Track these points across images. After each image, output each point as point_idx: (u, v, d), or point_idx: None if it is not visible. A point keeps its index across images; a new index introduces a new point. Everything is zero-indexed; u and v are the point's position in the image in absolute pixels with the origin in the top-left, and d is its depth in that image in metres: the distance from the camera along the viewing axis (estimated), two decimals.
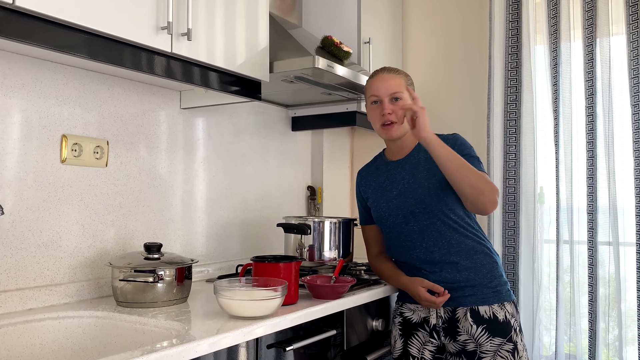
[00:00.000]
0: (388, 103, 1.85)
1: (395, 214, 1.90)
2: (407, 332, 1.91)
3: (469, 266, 1.83)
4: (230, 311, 1.50)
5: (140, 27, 1.52)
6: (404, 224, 1.89)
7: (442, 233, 1.84)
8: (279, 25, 2.28)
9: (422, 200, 1.83)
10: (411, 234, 1.87)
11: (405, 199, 1.87)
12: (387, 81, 1.85)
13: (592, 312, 2.41)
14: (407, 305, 1.94)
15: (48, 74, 1.69)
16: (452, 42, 2.95)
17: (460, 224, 1.84)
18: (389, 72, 1.88)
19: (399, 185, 1.90)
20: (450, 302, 1.84)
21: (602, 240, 2.43)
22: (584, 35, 2.48)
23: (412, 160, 1.91)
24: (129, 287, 1.64)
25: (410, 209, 1.86)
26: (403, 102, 1.84)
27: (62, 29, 1.37)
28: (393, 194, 1.91)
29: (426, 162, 1.87)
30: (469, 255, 1.84)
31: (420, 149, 1.91)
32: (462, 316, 1.82)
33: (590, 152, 2.45)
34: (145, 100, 2.00)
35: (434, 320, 1.86)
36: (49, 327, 1.53)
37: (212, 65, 1.78)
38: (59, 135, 1.72)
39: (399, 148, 1.94)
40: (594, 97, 2.45)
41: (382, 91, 1.86)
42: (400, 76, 1.88)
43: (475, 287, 1.82)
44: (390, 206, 1.91)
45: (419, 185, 1.85)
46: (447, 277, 1.84)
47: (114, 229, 1.89)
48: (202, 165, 2.25)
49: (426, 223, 1.85)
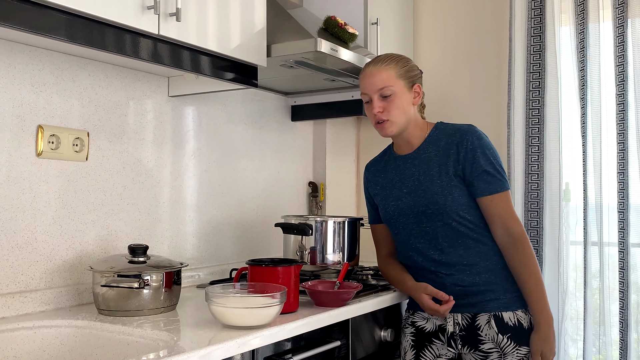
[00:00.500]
0: (377, 100, 1.84)
1: (405, 214, 1.89)
2: (419, 343, 1.91)
3: (489, 268, 1.83)
4: (224, 320, 1.50)
5: (124, 6, 1.51)
6: (415, 225, 1.88)
7: (458, 235, 1.84)
8: (278, 4, 2.27)
9: (435, 201, 1.83)
10: (424, 235, 1.87)
11: (416, 197, 1.87)
12: (373, 77, 1.84)
13: (623, 321, 2.40)
14: (420, 313, 1.93)
15: (22, 59, 1.68)
16: (468, 22, 2.93)
17: (477, 224, 1.84)
18: (375, 66, 1.85)
19: (409, 183, 1.90)
20: (470, 307, 1.83)
21: (634, 242, 2.43)
22: (614, 15, 2.46)
23: (421, 155, 1.90)
24: (111, 294, 1.63)
25: (422, 209, 1.85)
26: (395, 97, 1.83)
27: (38, 9, 1.36)
28: (403, 192, 1.90)
29: (438, 157, 1.86)
30: (488, 256, 1.83)
31: (430, 142, 1.90)
32: (484, 323, 1.81)
33: (621, 144, 2.44)
34: (129, 87, 1.99)
35: (451, 328, 1.85)
36: (24, 337, 1.53)
37: (204, 49, 1.77)
38: (35, 126, 1.71)
39: (405, 142, 1.94)
40: (625, 83, 2.43)
41: (369, 88, 1.85)
42: (388, 68, 1.84)
43: (497, 292, 1.82)
44: (400, 205, 1.90)
45: (431, 184, 1.85)
46: (465, 279, 1.83)
47: (95, 230, 1.88)
48: (192, 159, 2.25)
49: (440, 224, 1.84)
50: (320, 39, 2.00)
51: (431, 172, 1.86)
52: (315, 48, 1.98)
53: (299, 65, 2.17)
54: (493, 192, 1.80)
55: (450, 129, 1.88)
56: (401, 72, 1.85)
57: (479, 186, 1.80)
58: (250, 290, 1.63)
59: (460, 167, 1.81)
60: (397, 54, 1.91)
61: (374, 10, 2.66)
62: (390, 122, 1.85)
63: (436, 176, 1.84)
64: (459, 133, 1.85)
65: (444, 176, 1.83)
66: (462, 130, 1.86)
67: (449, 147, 1.84)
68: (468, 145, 1.81)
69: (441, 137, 1.88)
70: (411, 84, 1.87)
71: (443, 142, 1.86)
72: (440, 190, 1.82)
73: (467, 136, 1.83)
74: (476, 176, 1.80)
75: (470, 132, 1.84)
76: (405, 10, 2.97)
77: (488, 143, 1.85)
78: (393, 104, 1.83)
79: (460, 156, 1.81)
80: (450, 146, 1.84)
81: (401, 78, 1.84)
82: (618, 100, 2.45)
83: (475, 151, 1.81)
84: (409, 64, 1.88)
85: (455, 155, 1.82)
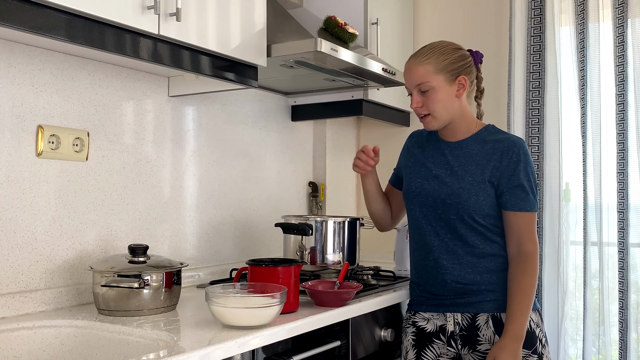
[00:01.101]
0: (416, 95, 1.84)
1: (426, 195, 1.89)
2: (421, 343, 1.90)
3: (491, 268, 1.83)
4: (224, 320, 1.50)
5: (124, 6, 1.51)
6: (431, 209, 1.88)
7: (468, 231, 1.84)
8: (278, 4, 2.27)
9: (459, 194, 1.82)
10: (437, 220, 1.87)
11: (441, 184, 1.87)
12: (411, 72, 1.84)
13: (622, 321, 2.41)
14: (421, 314, 1.92)
15: (22, 59, 1.68)
16: (468, 22, 2.93)
17: (490, 229, 1.84)
18: (415, 60, 1.84)
19: (440, 168, 1.90)
20: (469, 307, 1.83)
21: (634, 242, 2.43)
22: (614, 15, 2.46)
23: (463, 148, 1.89)
24: (111, 294, 1.63)
25: (443, 197, 1.85)
26: (434, 92, 1.81)
27: (38, 8, 1.36)
28: (432, 173, 1.90)
29: (478, 157, 1.85)
30: (493, 258, 1.84)
31: (476, 139, 1.88)
32: (483, 324, 1.81)
33: (621, 144, 2.44)
34: (129, 88, 1.99)
35: (452, 327, 1.85)
36: (24, 337, 1.53)
37: (204, 49, 1.77)
38: (35, 125, 1.71)
39: (450, 132, 1.92)
40: (625, 83, 2.43)
41: (408, 83, 1.86)
42: (426, 63, 1.81)
43: (497, 292, 1.82)
44: (424, 185, 1.90)
45: (461, 178, 1.84)
46: (467, 277, 1.83)
47: (96, 230, 1.88)
48: (192, 159, 2.24)
49: (453, 217, 1.84)
50: (320, 39, 2.00)
51: (466, 168, 1.85)
52: (315, 48, 1.98)
53: (299, 65, 2.17)
54: (521, 210, 1.79)
55: (500, 135, 1.88)
56: (441, 65, 1.81)
57: (510, 199, 1.80)
58: (250, 290, 1.63)
59: (497, 175, 1.80)
60: (444, 44, 1.86)
61: (374, 10, 2.66)
62: (431, 117, 1.85)
63: (470, 173, 1.84)
64: (507, 142, 1.84)
65: (477, 176, 1.82)
66: (511, 141, 1.84)
67: (492, 151, 1.83)
68: (513, 156, 1.81)
69: (488, 139, 1.87)
70: (455, 77, 1.83)
71: (489, 145, 1.85)
72: (469, 187, 1.82)
73: (514, 148, 1.82)
74: (510, 188, 1.80)
75: (519, 145, 1.83)
76: (405, 10, 2.97)
77: (531, 162, 1.84)
78: (431, 99, 1.82)
79: (502, 164, 1.80)
80: (494, 151, 1.83)
81: (441, 72, 1.81)
82: (618, 100, 2.45)
83: (518, 164, 1.80)
84: (453, 56, 1.84)
85: (497, 162, 1.81)
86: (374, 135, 3.15)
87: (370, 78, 2.42)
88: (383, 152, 3.09)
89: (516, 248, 1.81)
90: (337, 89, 2.63)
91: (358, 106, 2.64)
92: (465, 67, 1.86)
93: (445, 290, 1.85)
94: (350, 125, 3.14)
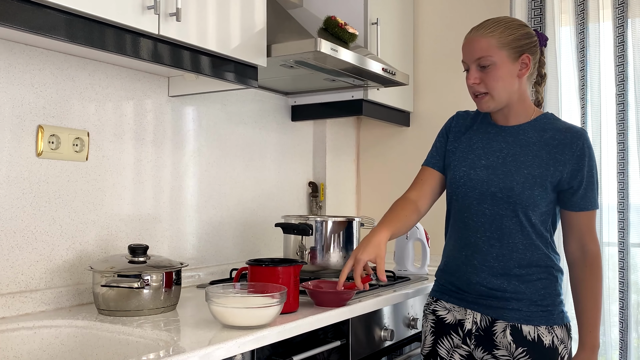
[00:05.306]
0: (474, 70, 1.70)
1: (472, 186, 1.75)
2: (439, 332, 1.83)
3: (522, 276, 1.71)
4: (224, 320, 1.50)
5: (124, 6, 1.51)
6: (476, 201, 1.75)
7: (514, 231, 1.71)
8: (278, 4, 2.27)
9: (512, 187, 1.68)
10: (479, 215, 1.74)
11: (492, 175, 1.72)
12: (472, 44, 1.70)
13: (622, 321, 2.41)
14: (442, 302, 1.83)
15: (22, 59, 1.68)
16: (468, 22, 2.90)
17: (537, 228, 1.71)
18: (477, 32, 1.70)
19: (491, 157, 1.75)
20: (490, 310, 1.73)
21: (634, 242, 2.43)
22: (614, 15, 2.46)
23: (519, 135, 1.74)
24: (111, 294, 1.63)
25: (493, 190, 1.71)
26: (495, 68, 1.67)
27: (38, 8, 1.36)
28: (481, 162, 1.76)
29: (537, 146, 1.71)
30: (529, 266, 1.71)
31: (535, 127, 1.74)
32: (500, 331, 1.71)
33: (621, 144, 2.44)
34: (129, 88, 1.99)
35: (469, 325, 1.76)
36: (24, 337, 1.53)
37: (204, 49, 1.77)
38: (35, 125, 1.71)
39: (504, 116, 1.78)
40: (625, 83, 2.44)
41: (467, 56, 1.72)
42: (490, 36, 1.68)
43: (522, 302, 1.70)
44: (471, 175, 1.76)
45: (517, 170, 1.70)
46: (493, 281, 1.72)
47: (95, 230, 1.88)
48: (192, 159, 2.24)
49: (502, 213, 1.71)
50: (320, 39, 2.00)
51: (522, 158, 1.71)
52: (315, 48, 1.98)
53: (299, 65, 2.17)
54: (584, 209, 1.70)
55: (561, 124, 1.73)
56: (506, 40, 1.67)
57: (571, 199, 1.70)
58: (250, 290, 1.63)
59: (560, 169, 1.67)
60: (509, 19, 1.73)
61: (374, 10, 2.66)
62: (489, 97, 1.71)
63: (527, 164, 1.69)
64: (571, 133, 1.70)
65: (535, 169, 1.68)
66: (575, 131, 1.70)
67: (554, 142, 1.69)
68: (577, 149, 1.67)
69: (548, 128, 1.72)
70: (518, 54, 1.68)
71: (549, 134, 1.71)
72: (524, 180, 1.67)
73: (579, 140, 1.68)
74: (574, 187, 1.68)
75: (583, 137, 1.69)
76: (405, 10, 2.97)
77: (594, 155, 1.72)
78: (491, 76, 1.68)
79: (565, 158, 1.67)
80: (555, 141, 1.69)
81: (505, 47, 1.67)
82: (618, 100, 2.45)
83: (583, 159, 1.67)
84: (519, 32, 1.69)
85: (559, 155, 1.68)
86: (373, 135, 3.15)
87: (370, 78, 2.42)
88: (383, 151, 3.10)
89: (579, 249, 1.73)
90: (337, 89, 2.63)
91: (358, 106, 2.64)
92: (530, 45, 1.72)
93: (469, 288, 1.76)
94: (350, 125, 3.14)
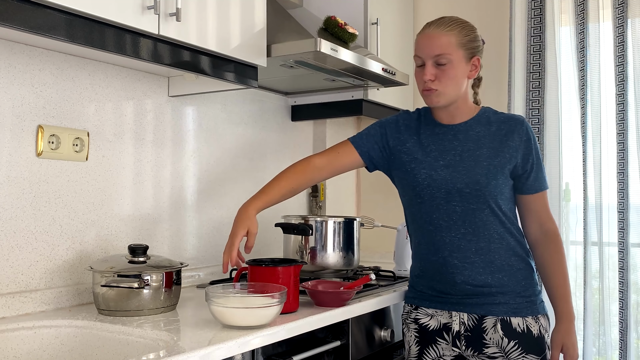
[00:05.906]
0: (430, 67, 1.72)
1: (436, 186, 1.78)
2: (424, 341, 1.85)
3: (504, 268, 1.76)
4: (224, 320, 1.50)
5: (124, 6, 1.51)
6: (444, 201, 1.77)
7: (487, 223, 1.76)
8: (278, 4, 2.27)
9: (478, 181, 1.73)
10: (450, 214, 1.77)
11: (454, 173, 1.76)
12: (432, 40, 1.72)
13: (622, 321, 2.40)
14: (423, 309, 1.85)
15: (22, 59, 1.68)
16: None
17: (508, 216, 1.78)
18: (437, 28, 1.73)
19: (448, 156, 1.79)
20: (477, 308, 1.76)
21: (634, 242, 2.43)
22: (614, 15, 2.46)
23: (469, 131, 1.80)
24: (111, 294, 1.63)
25: (459, 187, 1.75)
26: (451, 67, 1.71)
27: (38, 8, 1.36)
28: (439, 163, 1.79)
29: (488, 139, 1.77)
30: (507, 255, 1.77)
31: (479, 122, 1.80)
32: (490, 327, 1.75)
33: (621, 144, 2.44)
34: (129, 88, 1.99)
35: (457, 327, 1.78)
36: (24, 337, 1.53)
37: (204, 49, 1.77)
38: (35, 125, 1.71)
39: (449, 115, 1.82)
40: (625, 83, 2.44)
41: (424, 52, 1.73)
42: (450, 34, 1.71)
43: (508, 295, 1.75)
44: (433, 176, 1.79)
45: (477, 164, 1.75)
46: (477, 278, 1.76)
47: (95, 230, 1.88)
48: (192, 159, 2.24)
49: (473, 207, 1.75)
50: (320, 39, 2.00)
51: (478, 152, 1.76)
52: (315, 48, 1.98)
53: (299, 65, 2.17)
54: (539, 190, 1.79)
55: (502, 116, 1.81)
56: (464, 40, 1.72)
57: (527, 182, 1.78)
58: (250, 290, 1.63)
59: (514, 155, 1.75)
60: (463, 20, 1.78)
61: (374, 10, 2.66)
62: (438, 93, 1.73)
63: (484, 157, 1.75)
64: (513, 121, 1.78)
65: (493, 159, 1.74)
66: (516, 119, 1.79)
67: (502, 132, 1.77)
68: (523, 134, 1.76)
69: (492, 120, 1.80)
70: (471, 56, 1.75)
71: (494, 126, 1.78)
72: (486, 172, 1.73)
73: (522, 126, 1.77)
74: (528, 171, 1.76)
75: (524, 123, 1.78)
76: (405, 10, 2.97)
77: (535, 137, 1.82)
78: (447, 74, 1.71)
79: (515, 143, 1.75)
80: (503, 131, 1.77)
81: (462, 47, 1.72)
82: (618, 100, 2.45)
83: (530, 142, 1.76)
84: (473, 34, 1.76)
85: (510, 142, 1.75)
86: None
87: (370, 78, 2.42)
88: None
89: (538, 229, 1.81)
90: (337, 89, 2.63)
91: (358, 106, 2.64)
92: (479, 49, 1.79)
93: (454, 289, 1.78)
94: (350, 125, 3.13)
